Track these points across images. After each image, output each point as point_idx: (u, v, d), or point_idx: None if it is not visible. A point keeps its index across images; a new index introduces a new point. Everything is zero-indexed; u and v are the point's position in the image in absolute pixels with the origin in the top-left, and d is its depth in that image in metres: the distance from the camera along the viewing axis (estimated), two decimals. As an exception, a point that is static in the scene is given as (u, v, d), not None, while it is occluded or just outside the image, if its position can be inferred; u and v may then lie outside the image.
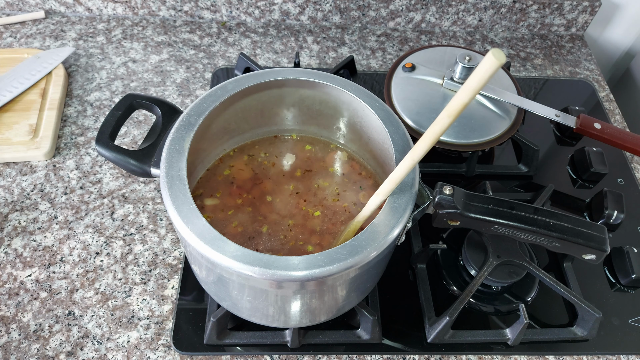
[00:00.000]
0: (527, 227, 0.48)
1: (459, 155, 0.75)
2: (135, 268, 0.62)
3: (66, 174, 0.69)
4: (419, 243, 0.65)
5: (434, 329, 0.57)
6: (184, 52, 0.86)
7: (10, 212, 0.65)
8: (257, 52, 0.88)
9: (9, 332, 0.56)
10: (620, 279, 0.64)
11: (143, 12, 0.90)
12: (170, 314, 0.58)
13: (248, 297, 0.47)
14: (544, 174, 0.75)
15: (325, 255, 0.41)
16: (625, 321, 0.61)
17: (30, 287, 0.59)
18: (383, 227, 0.43)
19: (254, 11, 0.91)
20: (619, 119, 0.85)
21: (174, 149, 0.47)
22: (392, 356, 0.57)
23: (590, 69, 0.92)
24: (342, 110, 0.56)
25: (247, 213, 0.53)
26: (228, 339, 0.56)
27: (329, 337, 0.57)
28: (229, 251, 0.41)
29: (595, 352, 0.59)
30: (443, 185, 0.48)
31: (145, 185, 0.69)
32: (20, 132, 0.71)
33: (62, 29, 0.88)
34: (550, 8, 0.92)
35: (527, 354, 0.58)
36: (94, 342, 0.56)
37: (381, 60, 0.89)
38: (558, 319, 0.61)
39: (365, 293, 0.55)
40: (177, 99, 0.79)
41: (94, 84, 0.80)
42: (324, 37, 0.92)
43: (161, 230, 0.65)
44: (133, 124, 0.75)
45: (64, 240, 0.63)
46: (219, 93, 0.51)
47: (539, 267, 0.60)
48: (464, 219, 0.48)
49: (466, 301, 0.57)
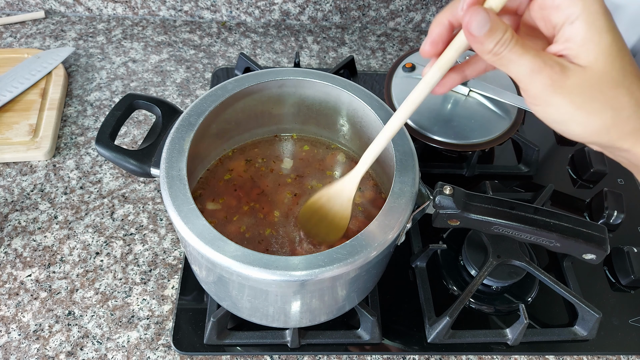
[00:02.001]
0: (527, 227, 0.48)
1: (459, 155, 0.75)
2: (135, 268, 0.62)
3: (66, 174, 0.69)
4: (419, 243, 0.65)
5: (434, 329, 0.57)
6: (184, 52, 0.86)
7: (10, 212, 0.65)
8: (257, 52, 0.88)
9: (9, 332, 0.56)
10: (620, 279, 0.64)
11: (143, 12, 0.90)
12: (170, 314, 0.58)
13: (248, 297, 0.47)
14: (544, 174, 0.75)
15: (325, 255, 0.41)
16: (625, 321, 0.61)
17: (30, 287, 0.59)
18: (383, 227, 0.43)
19: (254, 11, 0.91)
20: (619, 119, 0.85)
21: (174, 149, 0.47)
22: (392, 356, 0.57)
23: (590, 69, 0.92)
24: (342, 110, 0.56)
25: (248, 215, 0.53)
26: (228, 339, 0.56)
27: (329, 337, 0.57)
28: (229, 251, 0.41)
29: (595, 352, 0.59)
30: (443, 185, 0.48)
31: (145, 185, 0.69)
32: (20, 132, 0.71)
33: (62, 29, 0.88)
34: (550, 8, 0.92)
35: (527, 354, 0.58)
36: (94, 342, 0.56)
37: (381, 60, 0.89)
38: (558, 319, 0.61)
39: (365, 293, 0.55)
40: (177, 99, 0.79)
41: (94, 84, 0.80)
42: (324, 37, 0.92)
43: (161, 230, 0.65)
44: (133, 124, 0.75)
45: (64, 240, 0.63)
46: (219, 93, 0.51)
47: (539, 267, 0.60)
48: (464, 219, 0.48)
49: (466, 301, 0.57)
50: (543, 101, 0.32)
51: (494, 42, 0.30)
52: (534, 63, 0.30)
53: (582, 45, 0.30)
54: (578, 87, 0.30)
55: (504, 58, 0.31)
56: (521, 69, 0.31)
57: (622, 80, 0.30)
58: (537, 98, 0.32)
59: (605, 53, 0.29)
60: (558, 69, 0.30)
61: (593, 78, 0.30)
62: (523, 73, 0.31)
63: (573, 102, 0.31)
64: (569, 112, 0.31)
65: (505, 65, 0.31)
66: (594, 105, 0.31)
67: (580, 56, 0.30)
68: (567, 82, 0.30)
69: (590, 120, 0.31)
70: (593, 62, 0.30)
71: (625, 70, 0.30)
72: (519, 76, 0.31)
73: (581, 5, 0.29)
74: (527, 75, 0.31)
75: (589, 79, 0.30)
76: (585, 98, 0.30)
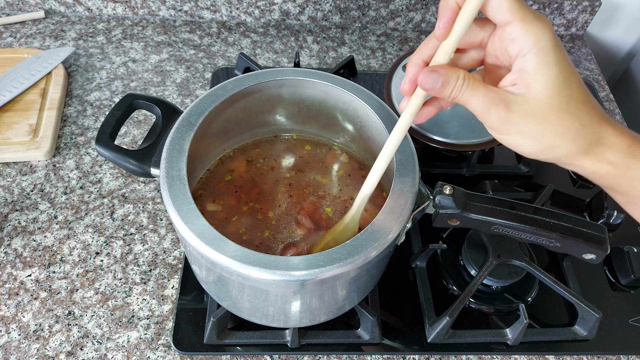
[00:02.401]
0: (527, 227, 0.48)
1: (459, 155, 0.75)
2: (135, 268, 0.62)
3: (66, 174, 0.69)
4: (419, 243, 0.65)
5: (434, 329, 0.57)
6: (184, 52, 0.86)
7: (10, 212, 0.65)
8: (257, 52, 0.88)
9: (9, 332, 0.56)
10: (620, 279, 0.64)
11: (143, 12, 0.90)
12: (170, 314, 0.58)
13: (248, 297, 0.47)
14: (544, 173, 0.75)
15: (325, 255, 0.41)
16: (625, 321, 0.61)
17: (30, 287, 0.59)
18: (383, 227, 0.43)
19: (254, 11, 0.91)
20: (619, 119, 0.85)
21: (174, 149, 0.47)
22: (392, 356, 0.57)
23: (590, 68, 0.92)
24: (342, 110, 0.56)
25: (248, 216, 0.53)
26: (228, 339, 0.56)
27: (329, 337, 0.57)
28: (229, 251, 0.41)
29: (595, 352, 0.59)
30: (443, 185, 0.48)
31: (145, 185, 0.69)
32: (20, 132, 0.71)
33: (62, 28, 0.88)
34: (550, 8, 0.92)
35: (527, 354, 0.58)
36: (94, 342, 0.56)
37: (381, 60, 0.89)
38: (558, 319, 0.61)
39: (365, 293, 0.55)
40: (177, 99, 0.79)
41: (94, 83, 0.80)
42: (324, 37, 0.92)
43: (161, 230, 0.65)
44: (133, 124, 0.75)
45: (64, 240, 0.63)
46: (219, 93, 0.51)
47: (539, 267, 0.60)
48: (464, 219, 0.48)
49: (466, 301, 0.57)
50: (500, 132, 0.36)
51: (449, 90, 0.35)
52: (484, 102, 0.35)
53: (532, 76, 0.34)
54: (525, 117, 0.35)
55: (460, 100, 0.36)
56: (475, 107, 0.36)
57: (566, 106, 0.34)
58: (492, 130, 0.37)
59: (551, 83, 0.33)
60: (503, 107, 0.35)
61: (539, 107, 0.34)
62: (477, 111, 0.36)
63: (521, 131, 0.35)
64: (520, 139, 0.36)
65: (465, 104, 0.36)
66: (540, 131, 0.35)
67: (530, 86, 0.34)
68: (513, 115, 0.35)
69: (540, 143, 0.36)
70: (541, 92, 0.34)
71: (571, 97, 0.34)
72: (475, 113, 0.36)
73: (533, 40, 0.33)
74: (480, 113, 0.36)
75: (535, 109, 0.34)
76: (533, 127, 0.35)
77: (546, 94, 0.34)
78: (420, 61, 0.38)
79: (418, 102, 0.39)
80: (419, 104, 0.39)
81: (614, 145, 0.35)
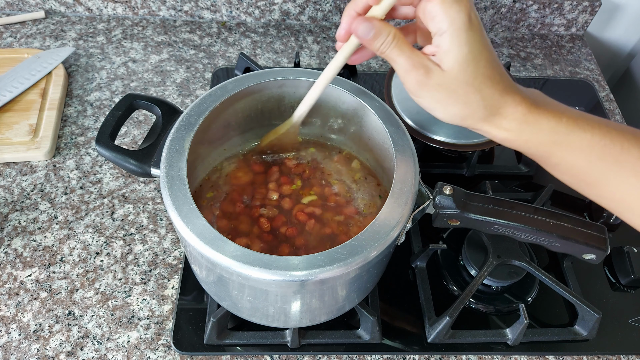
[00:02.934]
0: (527, 227, 0.48)
1: (459, 155, 0.75)
2: (135, 268, 0.62)
3: (66, 174, 0.69)
4: (419, 243, 0.65)
5: (434, 329, 0.57)
6: (184, 52, 0.86)
7: (10, 212, 0.65)
8: (257, 52, 0.88)
9: (9, 332, 0.56)
10: (620, 279, 0.64)
11: (143, 12, 0.90)
12: (170, 314, 0.58)
13: (248, 297, 0.47)
14: (544, 173, 0.74)
15: (325, 255, 0.41)
16: (625, 321, 0.61)
17: (30, 287, 0.59)
18: (383, 227, 0.43)
19: (254, 11, 0.91)
20: (619, 119, 0.85)
21: (174, 149, 0.47)
22: (392, 356, 0.57)
23: (590, 68, 0.92)
24: (342, 110, 0.56)
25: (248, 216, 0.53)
26: (228, 339, 0.56)
27: (329, 337, 0.57)
28: (229, 251, 0.41)
29: (595, 352, 0.59)
30: (443, 185, 0.48)
31: (145, 185, 0.69)
32: (20, 132, 0.71)
33: (62, 29, 0.88)
34: (551, 8, 0.92)
35: (527, 354, 0.58)
36: (94, 342, 0.56)
37: (381, 60, 0.89)
38: (558, 319, 0.61)
39: (365, 293, 0.55)
40: (177, 99, 0.79)
41: (94, 84, 0.80)
42: (324, 37, 0.92)
43: (161, 230, 0.65)
44: (133, 124, 0.75)
45: (64, 240, 0.63)
46: (219, 93, 0.51)
47: (539, 267, 0.60)
48: (464, 219, 0.48)
49: (466, 301, 0.57)
50: (415, 94, 0.41)
51: (379, 43, 0.40)
52: (407, 63, 0.39)
53: (446, 53, 0.38)
54: (438, 86, 0.39)
55: (387, 56, 0.40)
56: (399, 67, 0.40)
57: (472, 81, 0.38)
58: (410, 91, 0.41)
59: (460, 61, 0.38)
60: (423, 72, 0.39)
61: (449, 80, 0.39)
62: (400, 71, 0.40)
63: (433, 97, 0.40)
64: (432, 104, 0.41)
65: (390, 61, 0.40)
66: (449, 100, 0.40)
67: (443, 61, 0.38)
68: (430, 82, 0.39)
69: (448, 110, 0.41)
70: (451, 68, 0.38)
71: (477, 73, 0.38)
72: (398, 73, 0.40)
73: (448, 21, 0.37)
74: (403, 73, 0.40)
75: (446, 81, 0.39)
76: (443, 95, 0.40)
77: (455, 69, 0.38)
78: (354, 12, 0.41)
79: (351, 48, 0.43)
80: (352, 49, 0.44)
81: (510, 114, 0.40)
